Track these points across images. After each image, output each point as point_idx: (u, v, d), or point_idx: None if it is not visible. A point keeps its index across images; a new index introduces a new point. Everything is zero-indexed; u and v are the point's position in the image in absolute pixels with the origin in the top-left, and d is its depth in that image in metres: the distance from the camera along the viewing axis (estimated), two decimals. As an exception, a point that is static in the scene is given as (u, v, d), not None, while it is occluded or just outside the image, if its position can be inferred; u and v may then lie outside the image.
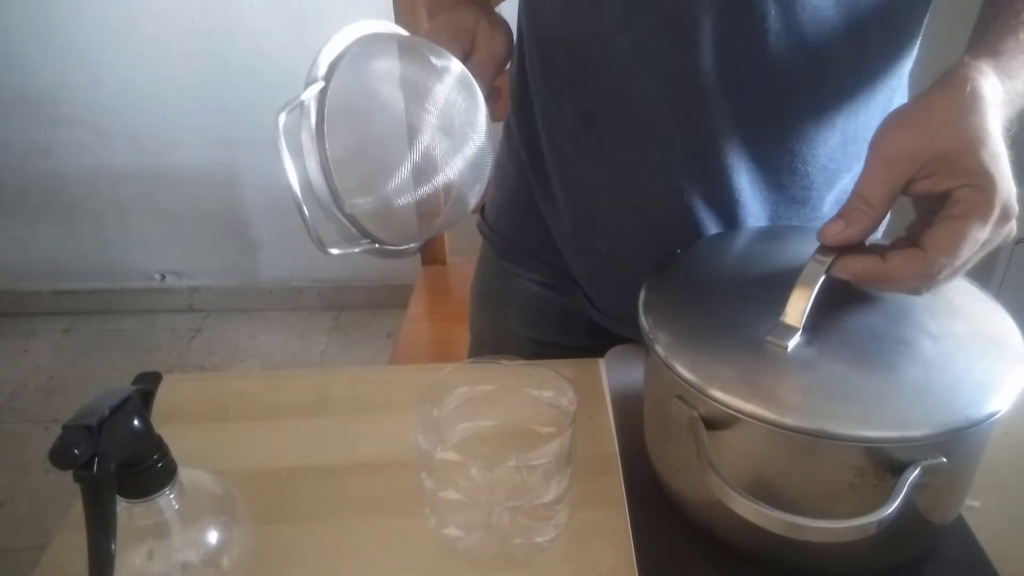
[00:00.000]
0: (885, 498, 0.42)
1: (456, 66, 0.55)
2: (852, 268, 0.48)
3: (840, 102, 0.62)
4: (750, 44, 0.57)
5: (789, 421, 0.43)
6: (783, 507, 0.42)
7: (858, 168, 0.66)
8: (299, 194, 0.47)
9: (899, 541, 0.48)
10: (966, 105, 0.45)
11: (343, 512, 0.57)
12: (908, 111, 0.47)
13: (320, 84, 0.49)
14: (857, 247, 0.48)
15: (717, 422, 0.46)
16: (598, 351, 0.71)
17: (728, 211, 0.65)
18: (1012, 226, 0.45)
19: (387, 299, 2.21)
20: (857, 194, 0.47)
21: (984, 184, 0.44)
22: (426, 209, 0.55)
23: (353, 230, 0.51)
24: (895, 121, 0.47)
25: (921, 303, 0.52)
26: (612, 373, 0.68)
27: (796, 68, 0.58)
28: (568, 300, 0.79)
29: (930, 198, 0.46)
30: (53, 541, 0.55)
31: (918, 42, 0.64)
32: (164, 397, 0.47)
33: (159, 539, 0.46)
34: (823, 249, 0.49)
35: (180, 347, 2.18)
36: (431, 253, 1.43)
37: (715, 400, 0.45)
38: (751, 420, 0.44)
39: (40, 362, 2.12)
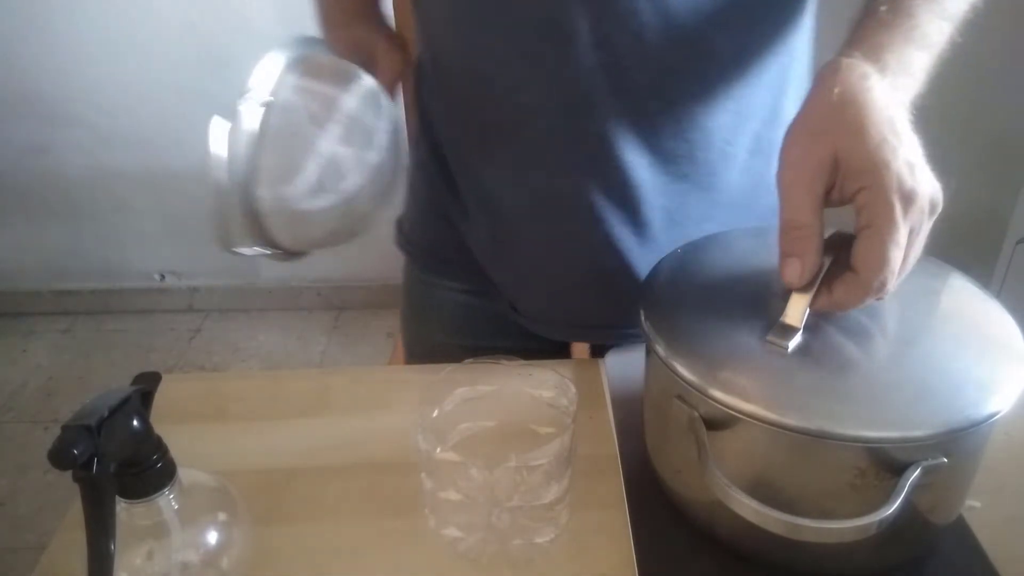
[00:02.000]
0: (886, 498, 0.42)
1: (368, 81, 0.58)
2: (812, 307, 0.48)
3: (728, 84, 0.62)
4: (629, 42, 0.57)
5: (789, 421, 0.43)
6: (783, 507, 0.42)
7: (758, 146, 0.67)
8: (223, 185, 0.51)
9: (899, 541, 0.48)
10: (837, 105, 0.46)
11: (343, 512, 0.57)
12: (794, 124, 0.48)
13: (269, 99, 0.54)
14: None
15: (717, 422, 0.46)
16: (531, 352, 0.70)
17: (631, 207, 0.65)
18: (923, 201, 0.44)
19: (387, 299, 2.21)
20: (786, 222, 0.47)
21: (873, 183, 0.44)
22: (322, 219, 0.57)
23: (254, 230, 0.54)
24: (787, 138, 0.47)
25: (921, 304, 0.52)
26: (612, 373, 0.68)
27: (678, 58, 0.59)
28: (494, 305, 0.78)
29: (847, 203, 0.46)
30: (53, 541, 0.55)
31: (808, 11, 0.64)
32: (164, 397, 0.47)
33: (159, 539, 0.46)
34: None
35: (180, 347, 2.18)
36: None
37: (715, 400, 0.45)
38: (751, 420, 0.44)
39: (40, 362, 2.12)
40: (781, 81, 0.66)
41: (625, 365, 0.68)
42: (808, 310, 0.47)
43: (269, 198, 0.53)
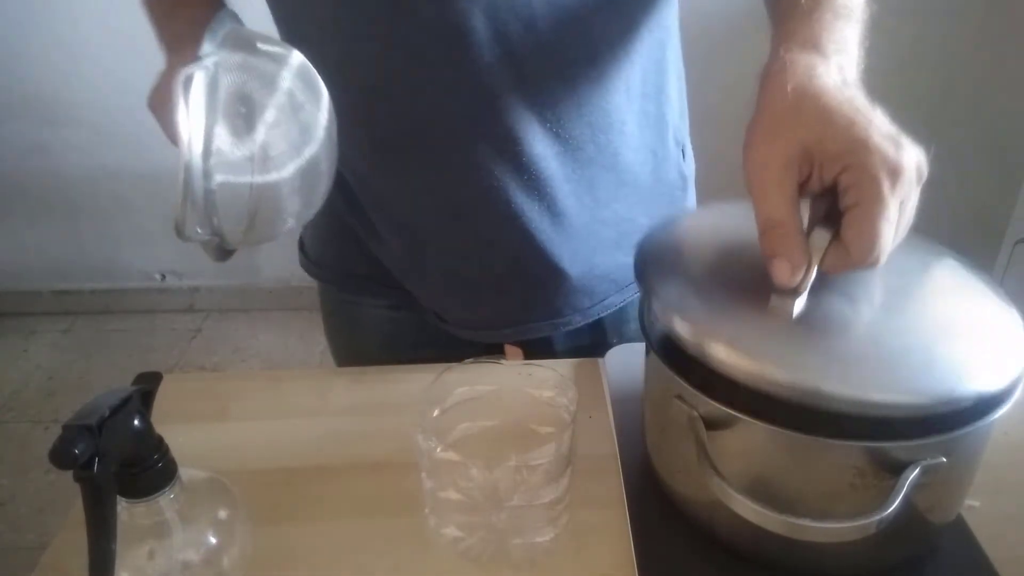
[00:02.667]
0: (885, 498, 0.42)
1: (296, 58, 0.53)
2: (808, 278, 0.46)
3: (618, 63, 0.64)
4: (523, 32, 0.58)
5: (789, 421, 0.43)
6: (783, 507, 0.42)
7: (646, 121, 0.69)
8: (191, 159, 0.48)
9: (899, 541, 0.48)
10: (793, 101, 0.45)
11: (343, 512, 0.57)
12: (752, 128, 0.46)
13: (215, 56, 0.50)
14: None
15: (717, 422, 0.46)
16: (464, 357, 0.70)
17: (546, 197, 0.66)
18: (910, 173, 0.43)
19: (387, 299, 2.21)
20: (764, 221, 0.46)
21: (855, 162, 0.43)
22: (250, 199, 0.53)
23: (207, 213, 0.51)
24: (749, 141, 0.46)
25: (923, 301, 0.52)
26: (612, 373, 0.68)
27: (570, 42, 0.60)
28: (420, 315, 0.78)
29: (826, 192, 0.45)
30: (53, 541, 0.55)
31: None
32: (164, 397, 0.47)
33: (159, 539, 0.46)
34: (820, 232, 0.47)
35: (180, 347, 2.18)
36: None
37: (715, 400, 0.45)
38: (751, 420, 0.44)
39: (40, 362, 2.12)
40: (660, 56, 0.68)
41: (625, 365, 0.68)
42: (810, 277, 0.46)
43: (221, 164, 0.50)
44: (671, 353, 0.48)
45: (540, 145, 0.63)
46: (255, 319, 2.27)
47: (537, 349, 0.74)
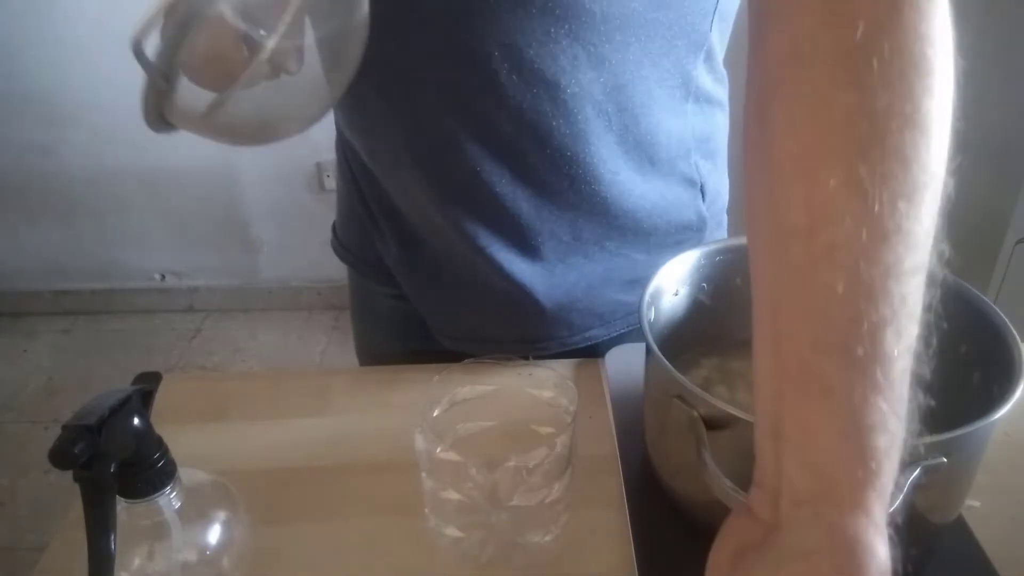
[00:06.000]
0: (885, 498, 0.42)
1: None
2: None
3: (607, 120, 0.60)
4: (483, 85, 0.57)
5: (789, 421, 0.43)
6: (783, 507, 0.42)
7: (652, 169, 0.64)
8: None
9: (899, 541, 0.48)
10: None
11: (343, 512, 0.57)
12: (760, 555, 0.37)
13: None
14: None
15: (717, 422, 0.46)
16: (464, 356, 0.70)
17: (515, 234, 0.64)
18: None
19: (387, 299, 2.21)
20: None
21: None
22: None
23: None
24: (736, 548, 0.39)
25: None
26: (612, 373, 0.68)
27: (536, 101, 0.57)
28: None
29: None
30: (53, 541, 0.55)
31: (705, 43, 0.61)
32: (164, 397, 0.47)
33: (159, 539, 0.46)
34: None
35: (180, 347, 2.18)
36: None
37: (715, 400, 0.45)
38: (751, 420, 0.44)
39: (40, 362, 2.12)
40: (672, 102, 0.62)
41: (625, 365, 0.68)
42: None
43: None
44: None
45: (507, 187, 0.62)
46: (255, 319, 2.27)
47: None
